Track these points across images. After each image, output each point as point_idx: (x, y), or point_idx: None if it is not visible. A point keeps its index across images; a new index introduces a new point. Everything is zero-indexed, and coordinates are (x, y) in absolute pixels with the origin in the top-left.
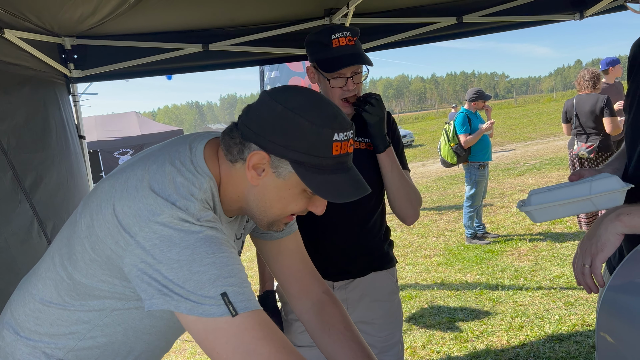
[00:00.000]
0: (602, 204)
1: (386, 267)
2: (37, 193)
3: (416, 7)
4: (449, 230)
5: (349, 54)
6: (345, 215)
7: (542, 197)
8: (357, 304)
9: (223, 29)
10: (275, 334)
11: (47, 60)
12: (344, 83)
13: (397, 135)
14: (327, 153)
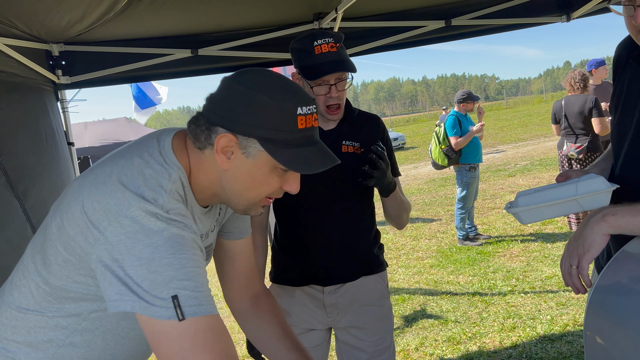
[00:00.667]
0: (588, 205)
1: (376, 272)
2: (30, 199)
3: (404, 10)
4: (441, 232)
5: (330, 60)
6: (334, 219)
7: (529, 198)
8: (347, 309)
9: (212, 34)
10: (219, 342)
11: (35, 67)
12: (328, 90)
13: (388, 141)
14: (293, 127)
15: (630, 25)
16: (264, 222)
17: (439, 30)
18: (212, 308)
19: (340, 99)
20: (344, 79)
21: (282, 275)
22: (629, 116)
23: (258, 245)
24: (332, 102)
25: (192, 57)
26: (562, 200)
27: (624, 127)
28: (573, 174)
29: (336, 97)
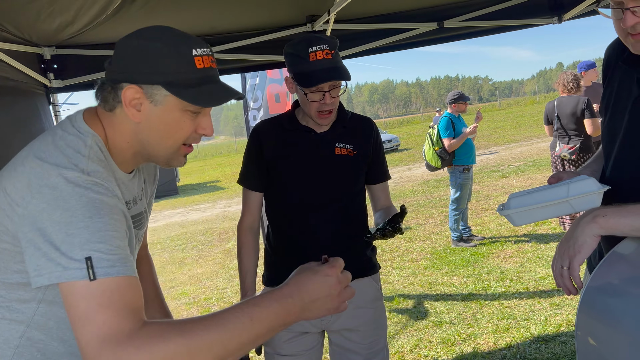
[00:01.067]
0: (580, 206)
1: (369, 274)
2: None
3: (397, 12)
4: (435, 234)
5: (326, 68)
6: (327, 221)
7: (521, 200)
8: (341, 312)
9: (204, 37)
10: (122, 299)
11: (26, 70)
12: (322, 97)
13: (380, 143)
14: (191, 68)
15: (619, 28)
16: (255, 225)
17: (431, 32)
18: (125, 270)
19: (334, 104)
20: (338, 86)
21: (275, 277)
22: (619, 119)
23: (250, 247)
24: (325, 108)
25: None
26: (554, 201)
27: (614, 129)
28: (565, 176)
29: (330, 103)
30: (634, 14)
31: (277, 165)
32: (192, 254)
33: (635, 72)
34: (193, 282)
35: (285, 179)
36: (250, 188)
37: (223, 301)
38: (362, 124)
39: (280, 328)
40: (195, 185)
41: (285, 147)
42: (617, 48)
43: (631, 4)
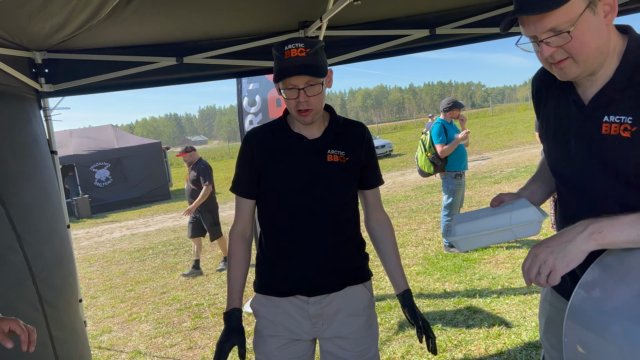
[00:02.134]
0: (521, 234)
1: (361, 281)
2: (13, 208)
3: (389, 19)
4: (428, 239)
5: (296, 64)
6: (318, 229)
7: (466, 226)
8: (332, 319)
9: (197, 42)
10: None
11: (17, 75)
12: (297, 94)
13: (372, 148)
14: None
15: (542, 59)
16: (246, 232)
17: (423, 39)
18: None
19: (311, 104)
20: (316, 85)
21: (267, 285)
22: (564, 150)
23: (239, 255)
24: (301, 107)
25: (178, 65)
26: (498, 229)
27: (559, 160)
28: (506, 198)
29: (305, 102)
30: (548, 44)
31: (267, 172)
32: (184, 259)
33: (570, 95)
34: (185, 288)
35: (276, 186)
36: (242, 195)
37: (215, 307)
38: (355, 130)
39: None
40: None
41: (276, 154)
42: (546, 77)
43: (544, 36)
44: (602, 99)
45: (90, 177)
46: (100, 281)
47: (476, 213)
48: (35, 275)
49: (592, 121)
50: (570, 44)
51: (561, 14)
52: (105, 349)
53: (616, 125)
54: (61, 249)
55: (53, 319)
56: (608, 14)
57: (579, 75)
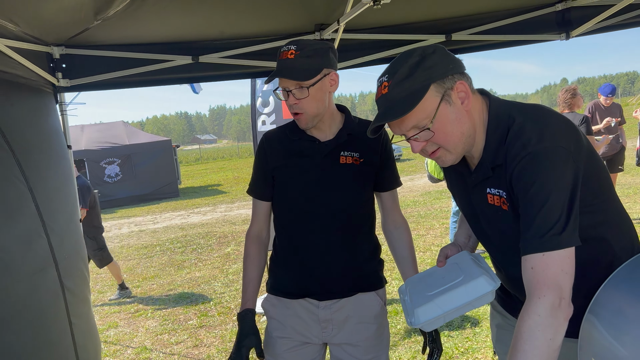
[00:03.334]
0: (479, 304)
1: (374, 288)
2: (40, 195)
3: (406, 24)
4: (436, 245)
5: (282, 67)
6: (330, 232)
7: (427, 310)
8: (342, 325)
9: (213, 42)
10: None
11: (36, 69)
12: (287, 97)
13: (389, 149)
14: None
15: (416, 152)
16: (262, 234)
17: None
18: None
19: (300, 107)
20: (303, 87)
21: (278, 287)
22: (467, 207)
23: (254, 256)
24: (292, 109)
25: (193, 64)
26: (457, 308)
27: (465, 211)
28: (449, 251)
29: (294, 104)
30: (417, 140)
31: (280, 174)
32: (191, 257)
33: (456, 165)
34: (191, 286)
35: (289, 189)
36: (257, 197)
37: (221, 306)
38: None
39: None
40: (196, 188)
41: (289, 156)
42: None
43: (410, 134)
44: (480, 173)
45: (100, 172)
46: (107, 276)
47: (426, 278)
48: (58, 263)
49: (479, 190)
50: (435, 137)
51: (418, 113)
52: (112, 343)
53: (497, 197)
54: (78, 240)
55: (73, 306)
56: (464, 100)
57: (455, 160)
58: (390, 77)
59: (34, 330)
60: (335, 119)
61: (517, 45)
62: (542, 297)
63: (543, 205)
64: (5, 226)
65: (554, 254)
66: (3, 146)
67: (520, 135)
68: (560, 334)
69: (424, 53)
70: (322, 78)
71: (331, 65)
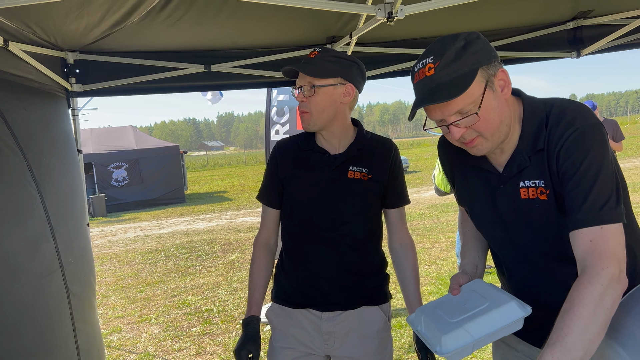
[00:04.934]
0: (508, 332)
1: (378, 303)
2: (49, 199)
3: (417, 39)
4: (441, 259)
5: (298, 62)
6: (336, 244)
7: (454, 339)
8: (344, 339)
9: (226, 51)
10: None
11: (50, 73)
12: (299, 93)
13: (399, 166)
14: None
15: (452, 140)
16: (270, 241)
17: None
18: None
19: (306, 106)
20: (313, 86)
21: (282, 295)
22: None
23: (261, 263)
24: (300, 107)
25: (205, 73)
26: (487, 335)
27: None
28: (460, 279)
29: (302, 102)
30: (457, 126)
31: (289, 184)
32: (195, 263)
33: (483, 165)
34: (195, 293)
35: (296, 199)
36: (266, 204)
37: (224, 314)
38: (381, 147)
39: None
40: (202, 195)
41: (298, 167)
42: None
43: (452, 119)
44: (514, 166)
45: (108, 176)
46: (112, 280)
47: (442, 306)
48: (64, 267)
49: (510, 187)
50: (478, 123)
51: (466, 98)
52: (115, 348)
53: (533, 189)
54: (85, 245)
55: (77, 311)
56: (504, 89)
57: (490, 149)
58: (436, 59)
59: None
60: (348, 133)
61: (529, 62)
62: (605, 269)
63: (597, 179)
64: (15, 230)
65: (612, 227)
66: (15, 150)
67: (564, 116)
68: (616, 305)
69: (468, 38)
70: (335, 85)
71: (350, 78)
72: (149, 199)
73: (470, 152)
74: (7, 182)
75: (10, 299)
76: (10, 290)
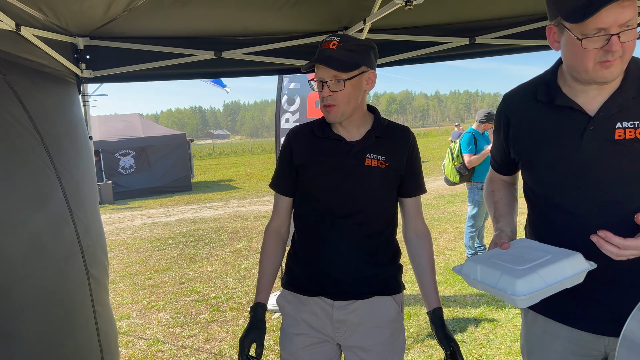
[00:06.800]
0: (572, 283)
1: (391, 293)
2: (67, 183)
3: (430, 25)
4: (449, 249)
5: (322, 56)
6: (352, 233)
7: (527, 283)
8: (355, 328)
9: (236, 37)
10: None
11: (60, 59)
12: (322, 88)
13: (416, 155)
14: None
15: (588, 57)
16: (282, 229)
17: (462, 47)
18: None
19: (335, 99)
20: (340, 80)
21: (294, 283)
22: (572, 159)
23: (271, 251)
24: (325, 101)
25: (215, 59)
26: (560, 282)
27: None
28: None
29: (328, 96)
30: (620, 38)
31: (304, 172)
32: (203, 251)
33: (572, 105)
34: (203, 280)
35: (311, 187)
36: (279, 192)
37: (232, 301)
38: (399, 135)
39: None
40: (209, 183)
41: (313, 154)
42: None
43: (619, 29)
44: (613, 107)
45: (115, 163)
46: (120, 267)
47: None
48: (84, 250)
49: (604, 128)
50: (633, 41)
51: (635, 9)
52: (124, 334)
53: (631, 130)
54: (100, 229)
55: (96, 294)
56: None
57: (616, 77)
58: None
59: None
60: (365, 120)
61: (539, 51)
62: None
63: None
64: (37, 212)
65: None
66: (33, 133)
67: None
68: None
69: None
70: (360, 74)
71: (370, 64)
72: (156, 186)
73: (599, 77)
74: (28, 164)
75: (36, 279)
76: (35, 270)
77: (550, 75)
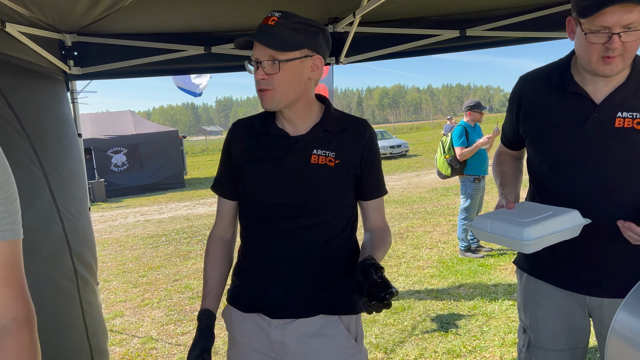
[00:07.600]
0: (570, 236)
1: (341, 312)
2: (54, 181)
3: (420, 18)
4: (443, 242)
5: (257, 32)
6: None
7: (534, 231)
8: (296, 351)
9: (226, 32)
10: None
11: (47, 55)
12: (256, 69)
13: (374, 151)
14: None
15: (592, 52)
16: (226, 236)
17: (453, 40)
18: None
19: (268, 84)
20: (276, 61)
21: (234, 296)
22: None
23: (214, 254)
24: (258, 85)
25: (205, 54)
26: (562, 231)
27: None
28: (512, 200)
29: (260, 79)
30: (620, 38)
31: (243, 172)
32: (196, 248)
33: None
34: (197, 277)
35: (251, 189)
36: (221, 195)
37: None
38: (352, 128)
39: None
40: (202, 179)
41: (253, 151)
42: (537, 83)
43: (621, 30)
44: (616, 98)
45: (107, 161)
46: (113, 265)
47: (503, 214)
48: (72, 249)
49: (606, 116)
50: (635, 41)
51: None
52: (118, 332)
53: (629, 119)
54: (88, 229)
55: (85, 293)
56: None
57: (618, 72)
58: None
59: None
60: (313, 112)
61: (531, 43)
62: None
63: None
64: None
65: None
66: (19, 131)
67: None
68: None
69: None
70: (302, 58)
71: (317, 48)
72: (149, 183)
73: (600, 71)
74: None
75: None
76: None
77: (565, 63)
